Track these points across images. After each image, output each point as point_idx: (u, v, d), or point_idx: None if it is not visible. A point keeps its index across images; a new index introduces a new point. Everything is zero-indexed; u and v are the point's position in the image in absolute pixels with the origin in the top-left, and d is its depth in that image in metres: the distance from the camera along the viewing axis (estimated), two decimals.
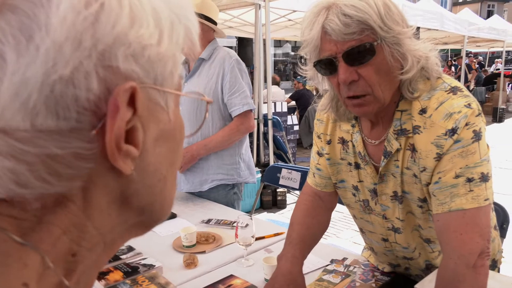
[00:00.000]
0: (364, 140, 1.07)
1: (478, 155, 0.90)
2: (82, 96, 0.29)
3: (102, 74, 0.29)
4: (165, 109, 0.35)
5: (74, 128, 0.29)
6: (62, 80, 0.28)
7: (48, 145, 0.29)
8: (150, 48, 0.32)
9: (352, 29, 0.86)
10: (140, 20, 0.31)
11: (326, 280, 1.29)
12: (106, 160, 0.31)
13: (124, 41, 0.30)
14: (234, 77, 1.96)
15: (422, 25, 6.85)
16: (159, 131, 0.35)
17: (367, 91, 0.92)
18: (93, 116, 0.30)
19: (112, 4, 0.29)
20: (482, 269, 0.88)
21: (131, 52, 0.30)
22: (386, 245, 1.19)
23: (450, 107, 0.91)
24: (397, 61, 0.90)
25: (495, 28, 9.96)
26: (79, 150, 0.30)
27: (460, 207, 0.90)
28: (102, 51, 0.29)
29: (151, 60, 0.32)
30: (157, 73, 0.33)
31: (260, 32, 4.54)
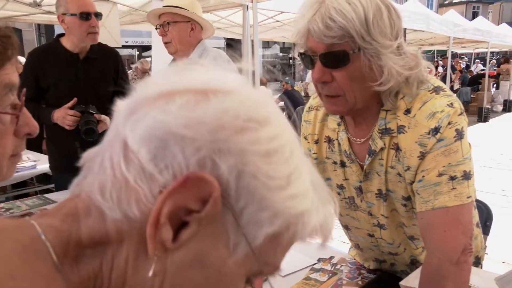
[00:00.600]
0: (349, 138, 1.08)
1: (460, 154, 0.92)
2: (179, 158, 0.33)
3: (204, 159, 0.33)
4: (229, 249, 0.35)
5: (153, 175, 0.33)
6: (181, 139, 0.33)
7: (131, 172, 0.34)
8: (262, 186, 0.34)
9: (333, 33, 0.86)
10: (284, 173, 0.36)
11: (313, 278, 1.30)
12: (145, 226, 0.33)
13: (249, 160, 0.34)
14: None
15: (408, 26, 6.94)
16: (205, 254, 0.35)
17: (339, 93, 0.93)
18: (170, 178, 0.33)
19: (282, 150, 0.36)
20: (465, 265, 0.90)
21: (245, 172, 0.34)
22: (372, 241, 1.20)
23: (433, 107, 0.93)
24: (373, 72, 0.90)
25: (480, 29, 10.13)
26: (142, 194, 0.34)
27: (443, 205, 0.91)
28: (222, 146, 0.34)
29: (255, 194, 0.34)
30: (249, 210, 0.34)
31: (247, 33, 4.54)
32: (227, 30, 6.73)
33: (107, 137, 0.37)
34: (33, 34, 12.30)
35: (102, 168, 0.35)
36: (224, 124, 0.33)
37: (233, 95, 0.36)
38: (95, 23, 2.06)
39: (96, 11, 2.08)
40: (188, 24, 1.98)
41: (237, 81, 0.38)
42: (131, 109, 0.36)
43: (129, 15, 5.57)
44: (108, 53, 2.27)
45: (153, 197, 0.33)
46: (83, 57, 2.14)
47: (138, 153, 0.33)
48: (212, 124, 0.33)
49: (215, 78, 0.39)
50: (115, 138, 0.36)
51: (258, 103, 0.37)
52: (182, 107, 0.34)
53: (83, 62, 2.14)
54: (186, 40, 2.00)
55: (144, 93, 0.37)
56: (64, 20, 2.04)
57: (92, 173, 0.37)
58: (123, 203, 0.34)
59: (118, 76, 2.28)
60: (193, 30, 1.99)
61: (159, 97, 0.35)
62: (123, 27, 5.80)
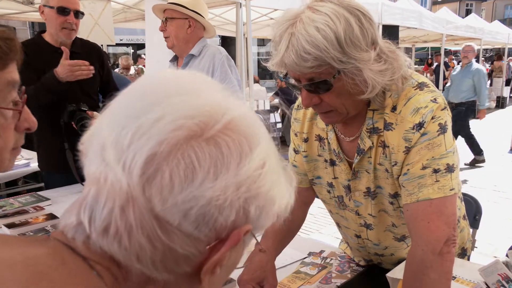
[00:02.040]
0: (338, 137, 1.10)
1: (443, 147, 0.94)
2: (220, 221, 0.38)
3: (239, 212, 0.38)
4: (245, 247, 0.45)
5: (199, 239, 0.38)
6: (217, 207, 0.37)
7: (176, 242, 0.37)
8: (270, 206, 0.42)
9: (309, 64, 0.85)
10: (276, 185, 0.42)
11: (303, 272, 1.32)
12: (197, 269, 0.40)
13: (263, 196, 0.40)
14: (224, 72, 1.98)
15: (401, 24, 6.97)
16: (234, 260, 0.45)
17: (331, 109, 0.96)
18: (215, 236, 0.39)
19: (268, 168, 0.41)
20: (448, 255, 0.92)
21: (262, 206, 0.40)
22: (359, 242, 1.23)
23: (417, 102, 0.95)
24: (358, 86, 0.90)
25: (472, 27, 10.19)
26: (190, 255, 0.38)
27: (427, 197, 0.93)
28: (248, 197, 0.39)
29: (265, 215, 0.41)
30: (261, 225, 0.42)
31: (241, 31, 4.55)
32: (221, 28, 6.73)
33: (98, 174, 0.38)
34: (27, 32, 12.23)
35: (120, 232, 0.37)
36: (248, 176, 0.39)
37: (258, 149, 0.40)
38: (72, 19, 2.05)
39: (77, 8, 2.08)
40: (186, 21, 2.00)
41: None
42: (144, 167, 0.36)
43: (123, 13, 5.56)
44: (91, 47, 2.28)
45: (200, 253, 0.39)
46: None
47: (180, 226, 0.37)
48: (238, 181, 0.38)
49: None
50: (121, 192, 0.37)
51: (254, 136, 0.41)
52: (208, 174, 0.37)
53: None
54: (183, 37, 2.02)
55: (152, 140, 0.37)
56: (44, 12, 2.06)
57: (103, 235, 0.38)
58: (170, 265, 0.38)
59: (104, 70, 2.29)
60: (191, 27, 2.01)
61: (173, 150, 0.37)
62: (117, 25, 5.79)
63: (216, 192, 0.37)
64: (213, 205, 0.37)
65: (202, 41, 2.06)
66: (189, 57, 2.03)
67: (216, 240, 0.39)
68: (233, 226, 0.39)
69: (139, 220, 0.36)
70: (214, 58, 1.98)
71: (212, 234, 0.38)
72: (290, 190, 0.45)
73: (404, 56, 0.97)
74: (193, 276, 0.40)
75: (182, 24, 2.01)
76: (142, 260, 0.37)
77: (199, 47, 2.03)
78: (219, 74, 1.97)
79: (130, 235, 0.36)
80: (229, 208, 0.38)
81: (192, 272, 0.40)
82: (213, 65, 1.98)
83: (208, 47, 2.05)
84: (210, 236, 0.38)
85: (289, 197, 0.45)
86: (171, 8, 2.00)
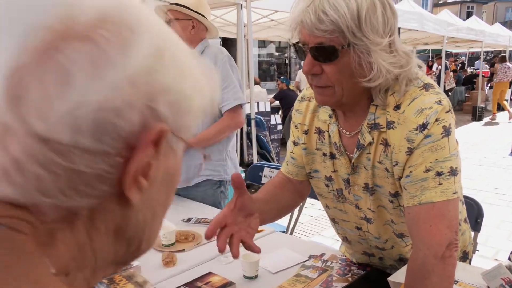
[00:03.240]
0: (340, 131, 1.09)
1: (447, 150, 0.93)
2: (123, 126, 0.32)
3: (144, 113, 0.33)
4: (176, 154, 0.39)
5: (105, 151, 0.32)
6: (113, 110, 0.32)
7: (78, 162, 0.31)
8: (185, 101, 0.37)
9: (324, 27, 0.87)
10: (186, 77, 0.37)
11: (303, 275, 1.31)
12: (119, 187, 0.34)
13: (172, 90, 0.35)
14: (226, 72, 1.98)
15: (402, 26, 6.97)
16: (166, 172, 0.38)
17: (328, 84, 0.94)
18: (123, 144, 0.33)
19: (169, 57, 0.35)
20: (450, 259, 0.91)
21: (172, 100, 0.35)
22: (360, 234, 1.21)
23: (422, 103, 0.94)
24: (362, 68, 0.91)
25: (473, 29, 10.19)
26: (102, 172, 0.33)
27: (430, 200, 0.92)
28: (151, 94, 0.33)
29: (182, 111, 0.37)
30: (182, 123, 0.37)
31: (242, 32, 4.55)
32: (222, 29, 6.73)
33: None
34: None
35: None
36: (141, 68, 0.33)
37: (143, 31, 0.34)
38: None
39: None
40: (189, 22, 2.01)
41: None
42: (7, 86, 0.30)
43: None
44: None
45: (114, 167, 0.33)
46: None
47: (75, 143, 0.31)
48: (129, 76, 0.32)
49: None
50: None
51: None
52: (87, 72, 0.31)
53: None
54: (186, 37, 2.02)
55: (6, 53, 0.30)
56: None
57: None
58: (83, 189, 0.33)
59: None
60: (194, 28, 2.02)
61: (37, 57, 0.30)
62: None
63: (106, 93, 0.31)
64: (107, 108, 0.31)
65: (204, 42, 2.06)
66: None
67: (127, 148, 0.33)
68: (143, 129, 0.33)
69: (24, 150, 0.30)
70: (215, 58, 1.98)
71: (120, 143, 0.33)
72: (211, 84, 0.41)
73: (417, 61, 0.97)
74: (121, 196, 0.35)
75: (186, 25, 2.01)
76: (46, 193, 0.32)
77: (200, 48, 2.03)
78: (220, 74, 1.96)
79: (21, 170, 0.31)
80: (129, 108, 0.32)
81: (117, 192, 0.34)
82: (214, 65, 1.97)
83: (209, 47, 2.05)
84: (118, 146, 0.33)
85: (212, 91, 0.41)
86: (175, 9, 2.00)
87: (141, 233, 0.39)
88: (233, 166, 2.13)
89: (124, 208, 0.36)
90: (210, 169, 2.05)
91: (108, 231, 0.36)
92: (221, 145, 2.06)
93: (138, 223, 0.38)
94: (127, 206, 0.36)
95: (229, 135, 2.07)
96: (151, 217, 0.39)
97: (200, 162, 2.02)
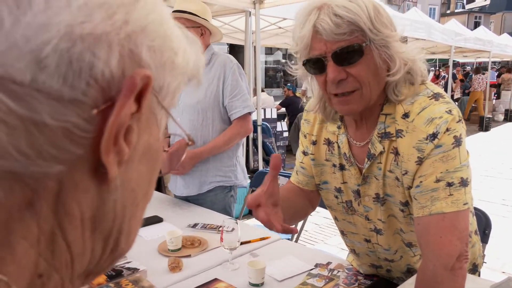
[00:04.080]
0: (349, 141, 1.09)
1: (458, 160, 0.93)
2: (99, 67, 0.26)
3: (124, 55, 0.27)
4: (158, 125, 0.33)
5: (77, 100, 0.25)
6: (84, 41, 0.25)
7: (41, 110, 0.24)
8: (169, 52, 0.31)
9: (342, 30, 0.88)
10: (168, 24, 0.31)
11: (310, 284, 1.30)
12: (95, 153, 0.27)
13: (153, 33, 0.29)
14: (236, 81, 1.98)
15: (409, 35, 6.96)
16: (148, 145, 0.32)
17: (356, 87, 0.94)
18: (100, 94, 0.26)
19: (145, 2, 0.29)
20: (460, 271, 0.90)
21: (155, 47, 0.29)
22: (369, 246, 1.20)
23: (432, 113, 0.94)
24: (385, 62, 0.93)
25: (481, 39, 10.16)
26: (72, 127, 0.25)
27: (440, 211, 0.92)
28: (130, 32, 0.27)
29: (166, 66, 0.31)
30: (165, 84, 0.31)
31: (250, 39, 4.57)
32: (230, 36, 6.77)
33: None
34: None
35: None
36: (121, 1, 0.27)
37: None
38: None
39: None
40: (198, 29, 2.02)
41: None
42: None
43: None
44: None
45: (88, 122, 0.26)
46: None
47: (37, 83, 0.24)
48: (104, 3, 0.26)
49: None
50: None
51: None
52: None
53: None
54: None
55: None
56: None
57: None
58: (47, 149, 0.25)
59: None
60: (203, 35, 2.02)
61: None
62: None
63: (77, 17, 0.24)
64: (78, 38, 0.24)
65: (209, 48, 2.07)
66: None
67: (105, 100, 0.26)
68: (123, 75, 0.27)
69: None
70: (225, 66, 1.99)
71: (95, 91, 0.26)
72: (195, 48, 0.36)
73: (424, 66, 0.98)
74: (96, 170, 0.27)
75: (195, 33, 2.01)
76: (2, 153, 0.24)
77: (207, 55, 2.04)
78: (230, 83, 1.97)
79: None
80: (106, 44, 0.26)
81: (93, 162, 0.27)
82: (224, 73, 1.98)
83: (217, 55, 2.06)
84: (94, 94, 0.26)
85: (195, 55, 0.35)
86: (184, 17, 2.01)
87: (120, 225, 0.31)
88: (242, 172, 2.15)
89: (100, 186, 0.28)
90: (221, 175, 2.06)
91: (83, 218, 0.28)
92: (231, 152, 2.07)
93: (116, 211, 0.30)
94: (103, 183, 0.28)
95: (239, 141, 2.08)
96: (132, 204, 0.32)
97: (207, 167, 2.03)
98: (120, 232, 0.32)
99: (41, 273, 0.27)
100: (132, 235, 0.34)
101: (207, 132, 2.00)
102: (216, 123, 2.00)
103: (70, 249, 0.28)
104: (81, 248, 0.29)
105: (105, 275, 1.30)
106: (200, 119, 1.99)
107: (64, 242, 0.28)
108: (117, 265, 1.37)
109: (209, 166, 2.04)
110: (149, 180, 0.34)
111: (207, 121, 1.99)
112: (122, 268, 1.35)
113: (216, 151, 2.00)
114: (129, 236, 0.33)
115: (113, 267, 1.35)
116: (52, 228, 0.27)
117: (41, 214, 0.26)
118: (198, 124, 1.99)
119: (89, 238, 0.29)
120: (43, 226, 0.26)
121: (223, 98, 1.99)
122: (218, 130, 2.00)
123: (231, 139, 2.01)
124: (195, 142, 2.01)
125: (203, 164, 2.03)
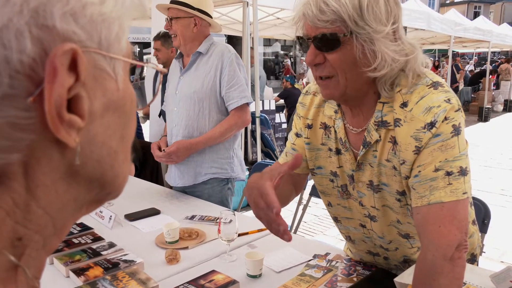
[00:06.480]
0: (346, 127, 1.08)
1: (457, 150, 0.91)
2: (14, 58, 0.26)
3: (36, 34, 0.26)
4: (113, 77, 0.32)
5: (7, 94, 0.26)
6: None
7: None
8: (91, 7, 0.29)
9: (325, 17, 0.88)
10: None
11: (308, 274, 1.29)
12: (48, 132, 0.28)
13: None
14: (233, 71, 1.96)
15: (408, 25, 6.92)
16: (106, 100, 0.32)
17: (332, 73, 0.94)
18: (28, 81, 0.27)
19: None
20: (459, 261, 0.89)
21: (70, 10, 0.28)
22: (364, 231, 1.20)
23: (430, 101, 0.92)
24: (366, 57, 0.91)
25: (481, 29, 10.10)
26: (15, 119, 0.27)
27: (439, 200, 0.90)
28: (35, 8, 0.26)
29: (93, 21, 0.29)
30: (102, 37, 0.30)
31: (247, 30, 4.53)
32: (228, 27, 6.72)
33: None
34: None
35: None
36: None
37: None
38: None
39: None
40: (191, 19, 1.99)
41: None
42: None
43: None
44: None
45: (29, 110, 0.27)
46: None
47: None
48: None
49: None
50: None
51: None
52: None
53: None
54: (189, 35, 2.01)
55: None
56: None
57: None
58: (1, 143, 0.27)
59: None
60: (197, 25, 1.99)
61: None
62: None
63: None
64: None
65: (209, 38, 2.05)
66: (196, 55, 2.01)
67: (37, 84, 0.27)
68: (46, 53, 0.27)
69: None
70: (223, 56, 1.97)
71: (21, 80, 0.26)
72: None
73: (424, 56, 0.96)
74: (58, 141, 0.29)
75: (187, 23, 1.99)
76: None
77: (206, 45, 2.01)
78: (227, 73, 1.95)
79: None
80: (13, 32, 0.25)
81: (51, 137, 0.29)
82: (221, 63, 1.96)
83: (216, 45, 2.03)
84: (21, 83, 0.26)
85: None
86: (175, 8, 1.98)
87: (101, 172, 0.33)
88: (239, 164, 2.12)
89: (66, 152, 0.30)
90: (217, 167, 2.04)
91: (56, 182, 0.30)
92: (228, 143, 2.05)
93: (92, 164, 0.32)
94: (68, 150, 0.30)
95: (236, 133, 2.06)
96: (108, 154, 0.33)
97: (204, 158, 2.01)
98: (102, 178, 0.34)
99: (20, 236, 0.30)
100: (119, 180, 0.36)
101: (203, 122, 1.98)
102: (213, 113, 1.98)
103: (47, 211, 0.31)
104: (60, 204, 0.32)
105: (101, 267, 1.29)
106: (196, 109, 1.97)
107: (39, 209, 0.30)
108: (114, 257, 1.36)
109: (205, 157, 2.02)
110: (123, 125, 0.35)
111: (203, 112, 1.97)
112: (119, 260, 1.34)
113: (212, 142, 1.98)
114: (114, 180, 0.35)
115: (112, 257, 1.34)
116: (26, 201, 0.29)
117: (12, 189, 0.29)
118: (194, 115, 1.97)
119: (65, 195, 0.32)
120: (15, 199, 0.29)
121: (220, 88, 1.97)
122: (215, 120, 1.98)
123: (228, 130, 1.98)
124: (191, 133, 1.99)
125: (199, 155, 2.01)
